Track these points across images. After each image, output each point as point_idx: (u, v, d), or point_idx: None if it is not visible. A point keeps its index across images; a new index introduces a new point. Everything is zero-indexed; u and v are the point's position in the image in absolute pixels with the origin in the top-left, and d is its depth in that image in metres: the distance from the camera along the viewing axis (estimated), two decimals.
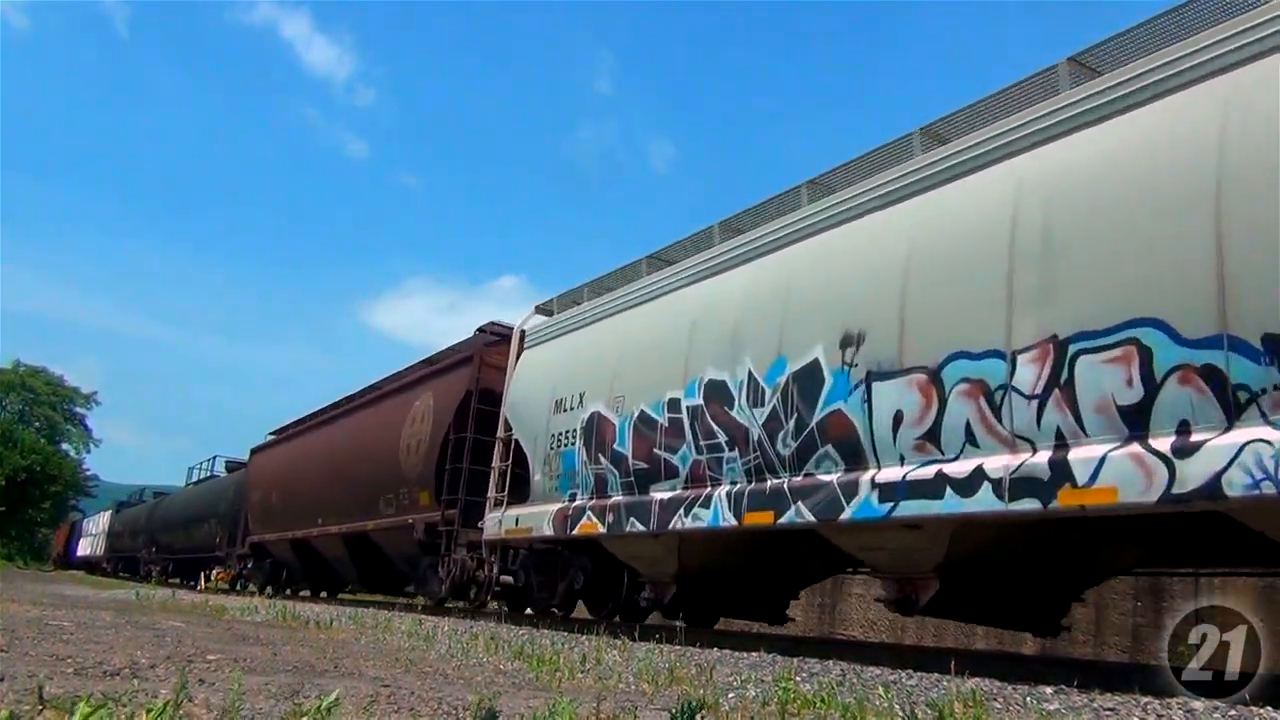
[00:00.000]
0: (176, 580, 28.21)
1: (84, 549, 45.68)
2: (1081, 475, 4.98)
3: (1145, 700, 4.06)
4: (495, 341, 12.67)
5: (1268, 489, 4.24)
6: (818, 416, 6.67)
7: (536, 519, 9.75)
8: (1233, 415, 4.47)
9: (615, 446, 8.74)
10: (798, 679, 4.66)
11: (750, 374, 7.37)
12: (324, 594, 19.35)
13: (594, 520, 8.85)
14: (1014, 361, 5.43)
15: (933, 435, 5.85)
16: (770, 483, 7.02)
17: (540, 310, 11.61)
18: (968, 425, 5.65)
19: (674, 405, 8.08)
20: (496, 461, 11.07)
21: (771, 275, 7.69)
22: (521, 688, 4.11)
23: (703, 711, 3.16)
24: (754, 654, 6.36)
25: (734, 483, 7.39)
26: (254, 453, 22.44)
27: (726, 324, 7.83)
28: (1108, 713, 3.83)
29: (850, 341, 6.52)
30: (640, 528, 8.21)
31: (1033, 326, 5.36)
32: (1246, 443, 4.35)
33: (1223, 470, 4.41)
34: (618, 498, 8.63)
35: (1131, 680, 4.82)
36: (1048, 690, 4.46)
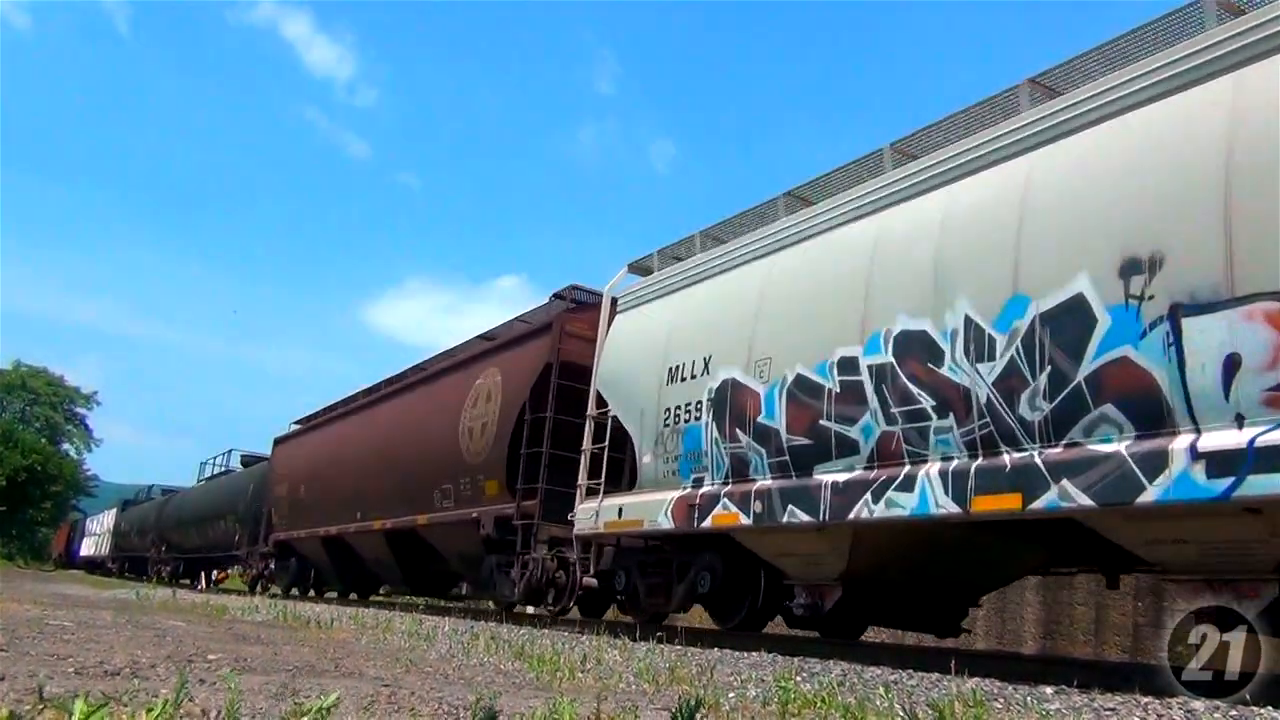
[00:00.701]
0: (187, 581, 27.43)
1: (88, 548, 44.61)
2: None
3: (1145, 700, 4.06)
4: (577, 308, 11.16)
5: None
6: (1088, 368, 5.21)
7: (648, 509, 8.29)
8: None
9: (760, 420, 7.30)
10: (798, 679, 4.67)
11: (968, 320, 5.90)
12: (356, 596, 17.91)
13: (733, 509, 7.39)
14: None
15: None
16: (1010, 457, 5.57)
17: (635, 268, 10.12)
18: None
19: (848, 366, 6.61)
20: (588, 443, 9.57)
21: (991, 193, 6.15)
22: (522, 687, 4.11)
23: (703, 711, 3.16)
24: (754, 654, 6.36)
25: (947, 458, 5.93)
26: (278, 443, 20.74)
27: (921, 261, 6.30)
28: (1108, 713, 3.83)
29: (1137, 267, 5.03)
30: (804, 518, 6.72)
31: None
32: None
33: None
34: (765, 481, 7.17)
35: (1132, 680, 4.82)
36: (1048, 690, 4.47)
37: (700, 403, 7.94)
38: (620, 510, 8.72)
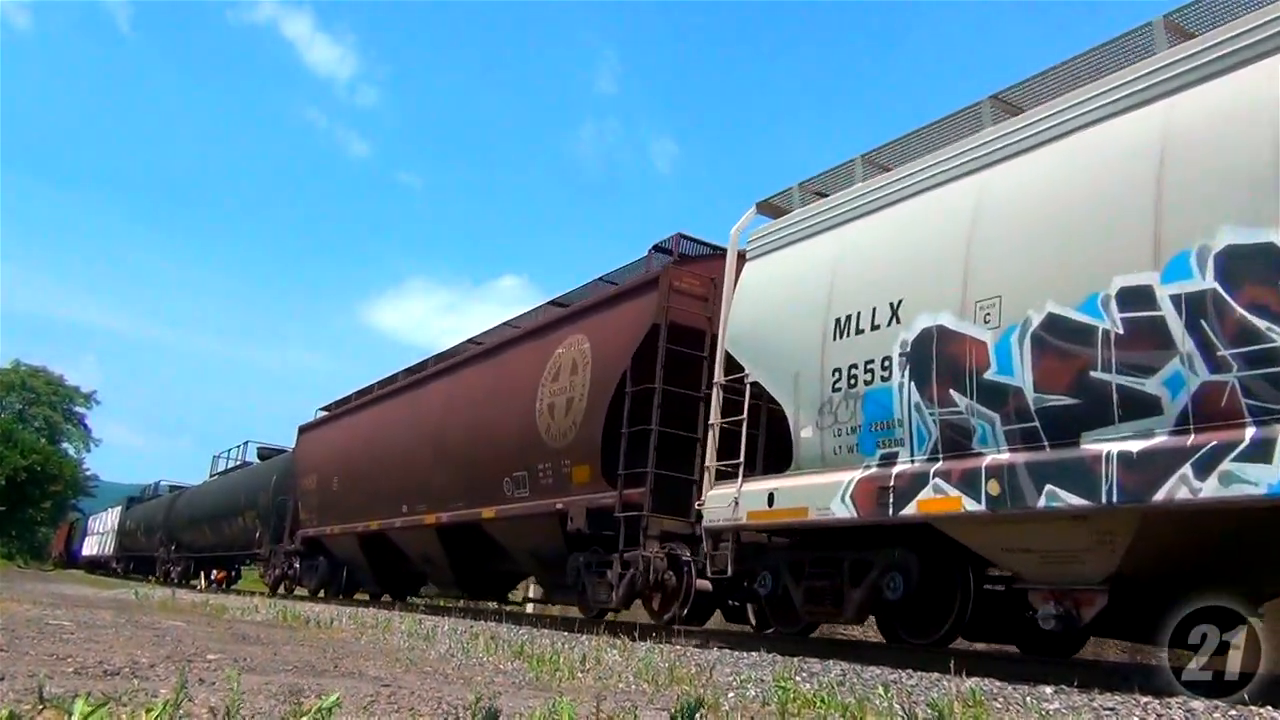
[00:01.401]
0: (195, 582, 26.07)
1: (90, 548, 42.98)
2: None
3: (1145, 700, 4.06)
4: (685, 261, 9.57)
5: None
6: None
7: (814, 494, 6.80)
8: None
9: (989, 376, 5.85)
10: (797, 679, 4.67)
11: None
12: (390, 598, 16.24)
13: (951, 492, 5.93)
14: None
15: None
16: None
17: (766, 209, 8.52)
18: None
19: (1135, 298, 5.15)
20: (715, 416, 8.03)
21: None
22: (522, 687, 4.11)
23: (702, 711, 3.16)
24: (754, 654, 6.37)
25: None
26: (303, 431, 18.84)
27: (1258, 151, 4.79)
28: (1108, 712, 3.83)
29: None
30: (1074, 501, 5.18)
31: None
32: None
33: None
34: (1001, 455, 5.69)
35: (1131, 680, 4.83)
36: (1048, 690, 4.47)
37: (888, 359, 6.47)
38: (771, 497, 7.14)
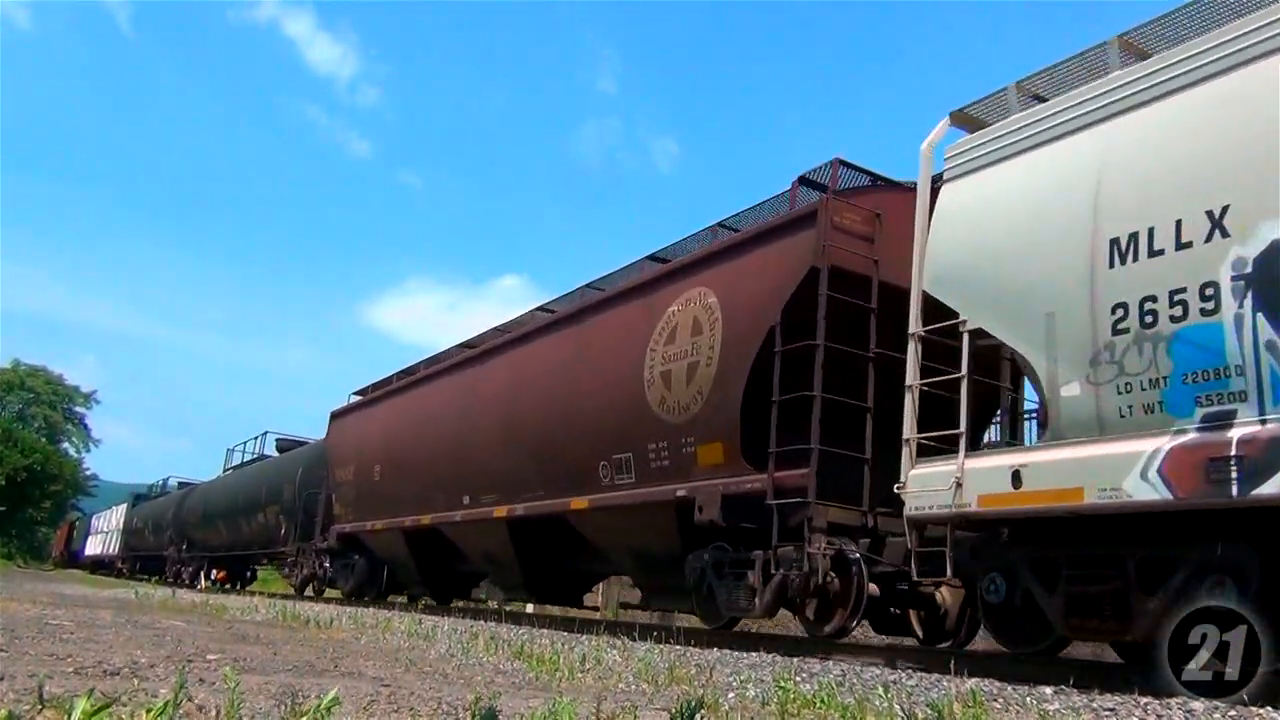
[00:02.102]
0: (225, 585, 24.49)
1: (94, 547, 41.52)
2: None
3: (1145, 700, 4.06)
4: (846, 194, 7.84)
5: None
6: None
7: (1092, 470, 5.21)
8: None
9: None
10: (797, 679, 4.67)
11: None
12: (437, 601, 14.46)
13: None
14: None
15: None
16: None
17: (963, 120, 6.86)
18: None
19: None
20: (913, 376, 6.38)
21: None
22: (521, 687, 4.11)
23: (702, 711, 3.16)
24: (754, 654, 6.37)
25: None
26: (336, 417, 16.75)
27: None
28: (1107, 713, 3.83)
29: None
30: None
31: None
32: None
33: None
34: None
35: (1131, 680, 4.83)
36: (1047, 690, 4.47)
37: (1212, 286, 4.91)
38: (1017, 476, 5.64)
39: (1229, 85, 5.22)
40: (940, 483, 6.07)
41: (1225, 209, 4.96)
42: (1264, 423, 4.58)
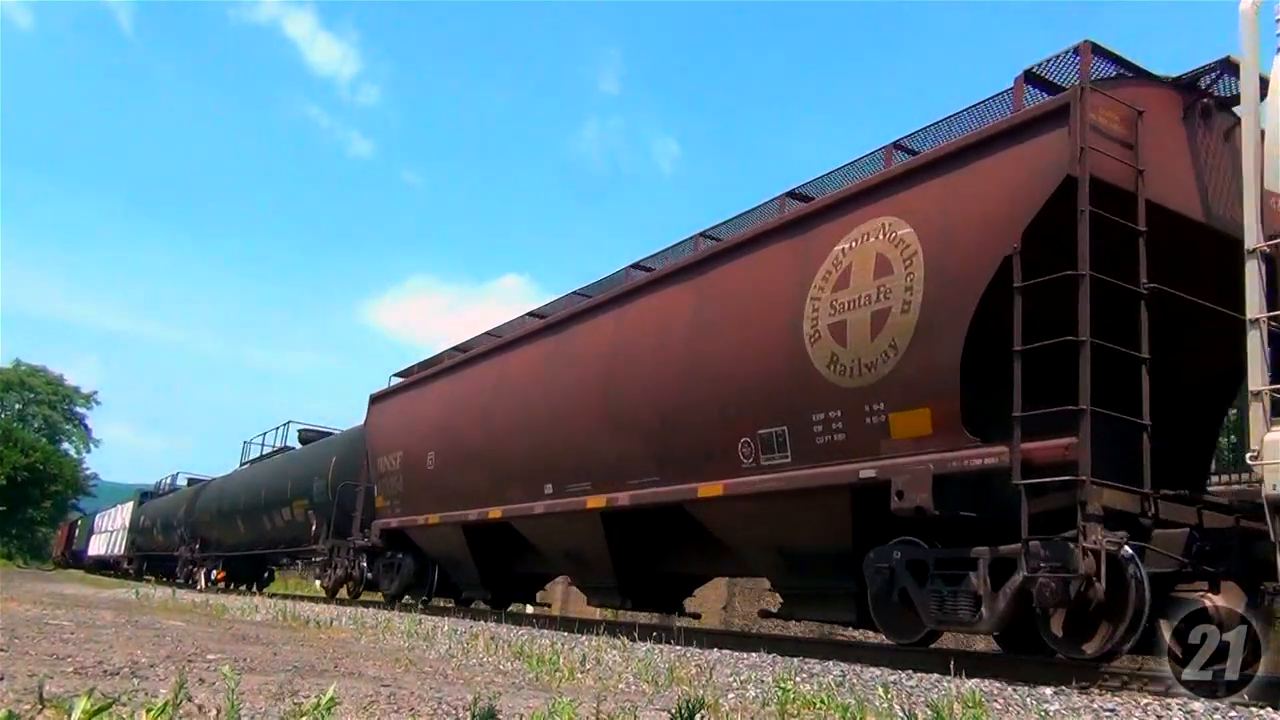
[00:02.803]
0: (242, 587, 22.60)
1: (98, 547, 39.79)
2: None
3: (1145, 701, 4.07)
4: (1104, 84, 5.98)
5: None
6: None
7: None
8: None
9: None
10: (797, 679, 4.67)
11: None
12: (493, 605, 12.66)
13: None
14: None
15: None
16: None
17: None
18: None
19: None
20: (1257, 308, 5.16)
21: None
22: (521, 688, 4.11)
23: (702, 711, 3.16)
24: (754, 654, 6.37)
25: None
26: (376, 401, 14.93)
27: None
28: (1108, 713, 3.83)
29: None
30: None
31: None
32: None
33: None
34: None
35: (1132, 681, 4.83)
36: (1048, 691, 4.47)
37: None
38: None
39: None
40: None
41: None
42: None
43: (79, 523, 49.46)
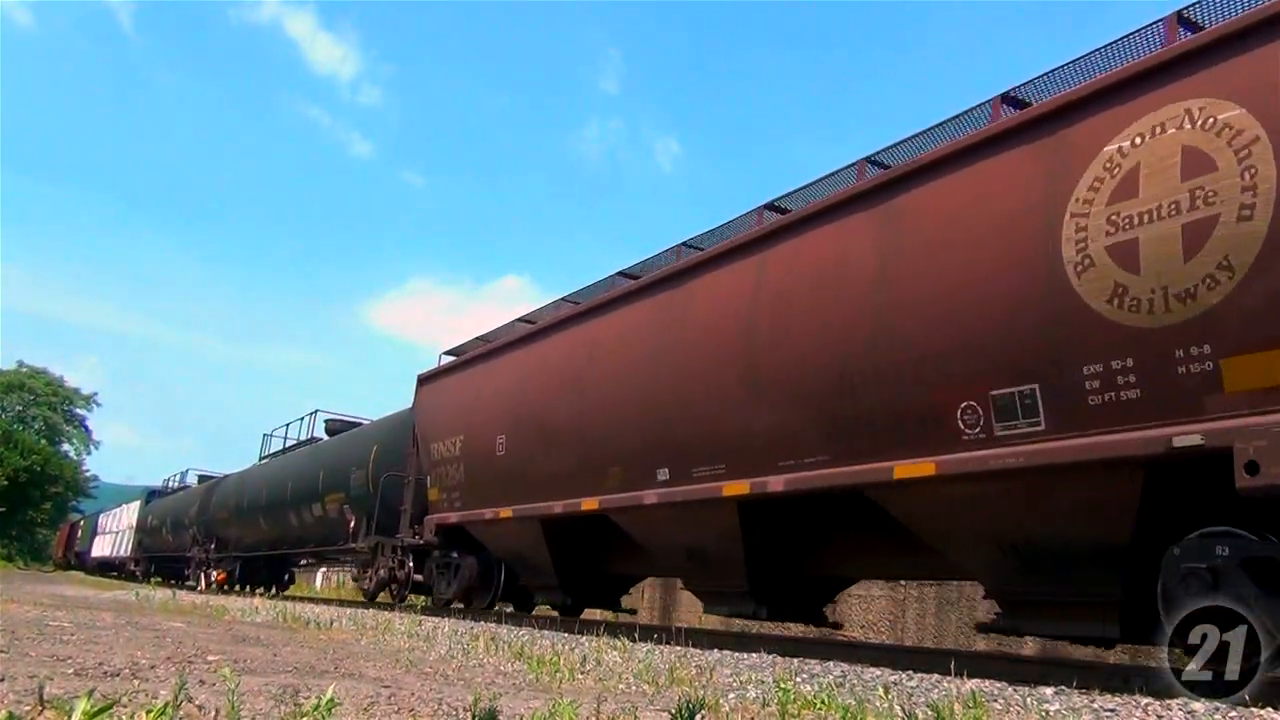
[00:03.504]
0: (260, 589, 20.07)
1: (102, 548, 38.36)
2: None
3: (1146, 701, 4.06)
4: None
5: None
6: None
7: None
8: None
9: None
10: (798, 680, 4.67)
11: None
12: (562, 611, 10.79)
13: None
14: None
15: None
16: None
17: None
18: None
19: None
20: None
21: None
22: (522, 689, 4.11)
23: (703, 712, 3.16)
24: (754, 655, 6.37)
25: None
26: (424, 382, 13.22)
27: None
28: (1108, 714, 3.83)
29: None
30: None
31: None
32: None
33: None
34: None
35: (1132, 681, 4.83)
36: (1048, 691, 4.47)
37: None
38: None
39: None
40: None
41: None
42: None
43: (81, 523, 48.25)
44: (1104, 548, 5.31)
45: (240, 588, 20.31)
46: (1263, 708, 3.93)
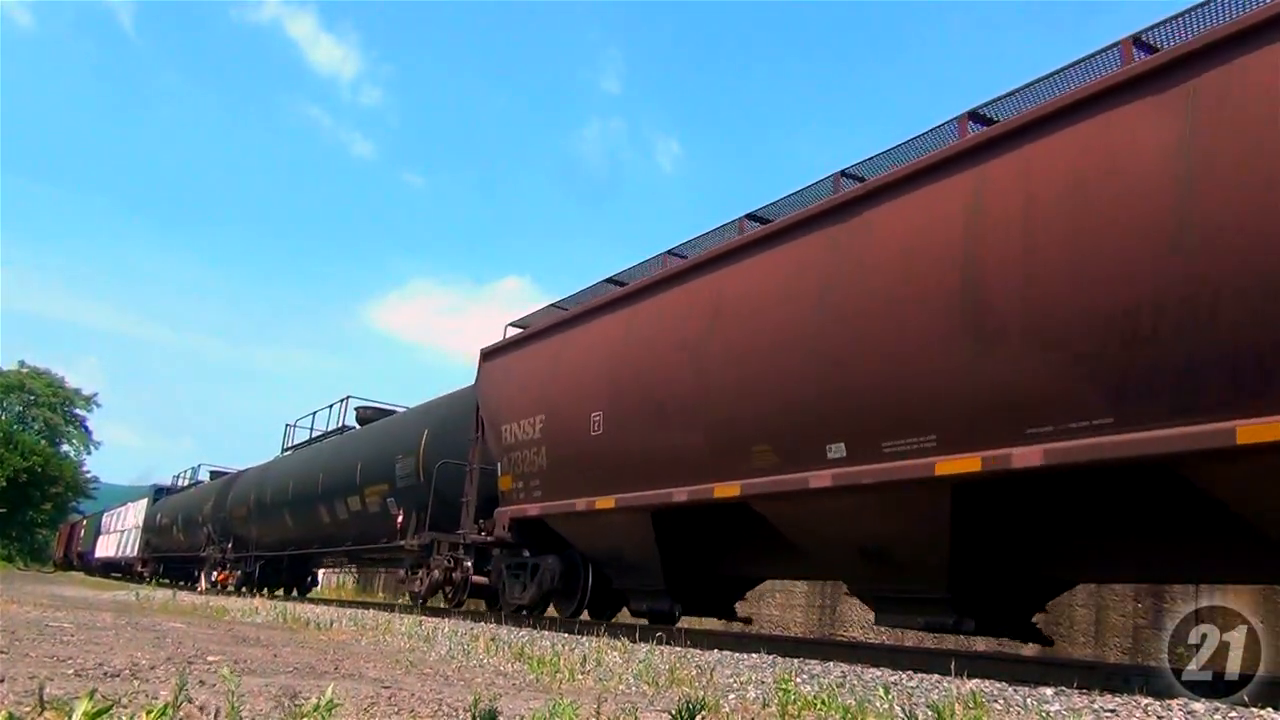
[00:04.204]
0: (280, 592, 19.16)
1: (107, 548, 36.92)
2: None
3: (1146, 702, 4.06)
4: None
5: None
6: None
7: None
8: None
9: None
10: (798, 680, 4.67)
11: None
12: (663, 616, 9.20)
13: None
14: None
15: None
16: None
17: None
18: None
19: None
20: None
21: None
22: (522, 689, 4.11)
23: (703, 713, 3.16)
24: (754, 655, 6.37)
25: None
26: (489, 357, 11.46)
27: None
28: (1108, 714, 3.83)
29: None
30: None
31: None
32: None
33: None
34: None
35: (1132, 682, 4.83)
36: (1048, 692, 4.47)
37: None
38: None
39: None
40: None
41: None
42: None
43: (84, 523, 46.90)
44: None
45: (262, 590, 18.53)
46: (1263, 708, 3.93)
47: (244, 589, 19.36)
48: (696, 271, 8.30)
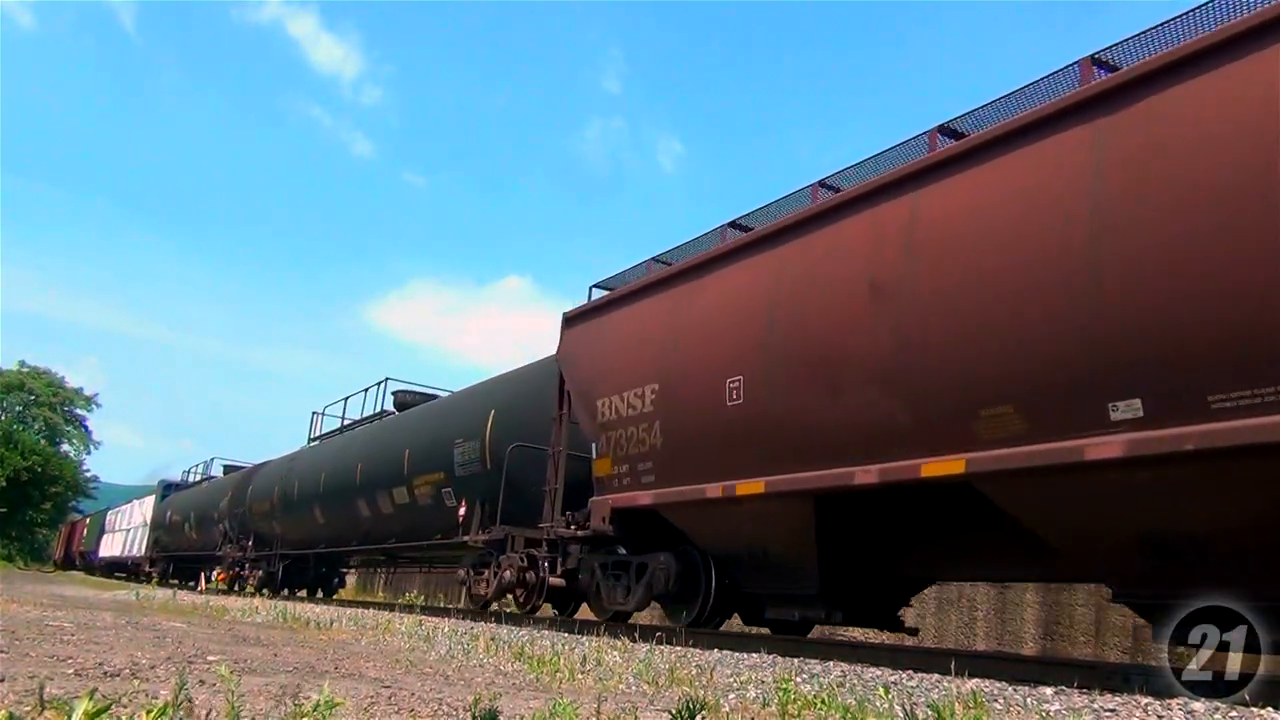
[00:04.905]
0: (302, 593, 18.32)
1: (112, 547, 35.49)
2: None
3: (1146, 701, 4.06)
4: None
5: None
6: None
7: None
8: None
9: None
10: (798, 680, 4.67)
11: None
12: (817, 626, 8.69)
13: None
14: None
15: None
16: None
17: None
18: None
19: None
20: None
21: None
22: (522, 689, 4.11)
23: (703, 712, 3.16)
24: (754, 655, 6.37)
25: None
26: (571, 322, 9.86)
27: None
28: (1108, 714, 3.83)
29: None
30: None
31: None
32: None
33: None
34: None
35: (1132, 681, 4.83)
36: (1048, 691, 4.47)
37: None
38: None
39: None
40: None
41: None
42: None
43: (87, 521, 45.60)
44: None
45: (288, 593, 17.24)
46: (1263, 708, 3.93)
47: (264, 590, 18.04)
48: (874, 198, 6.42)
